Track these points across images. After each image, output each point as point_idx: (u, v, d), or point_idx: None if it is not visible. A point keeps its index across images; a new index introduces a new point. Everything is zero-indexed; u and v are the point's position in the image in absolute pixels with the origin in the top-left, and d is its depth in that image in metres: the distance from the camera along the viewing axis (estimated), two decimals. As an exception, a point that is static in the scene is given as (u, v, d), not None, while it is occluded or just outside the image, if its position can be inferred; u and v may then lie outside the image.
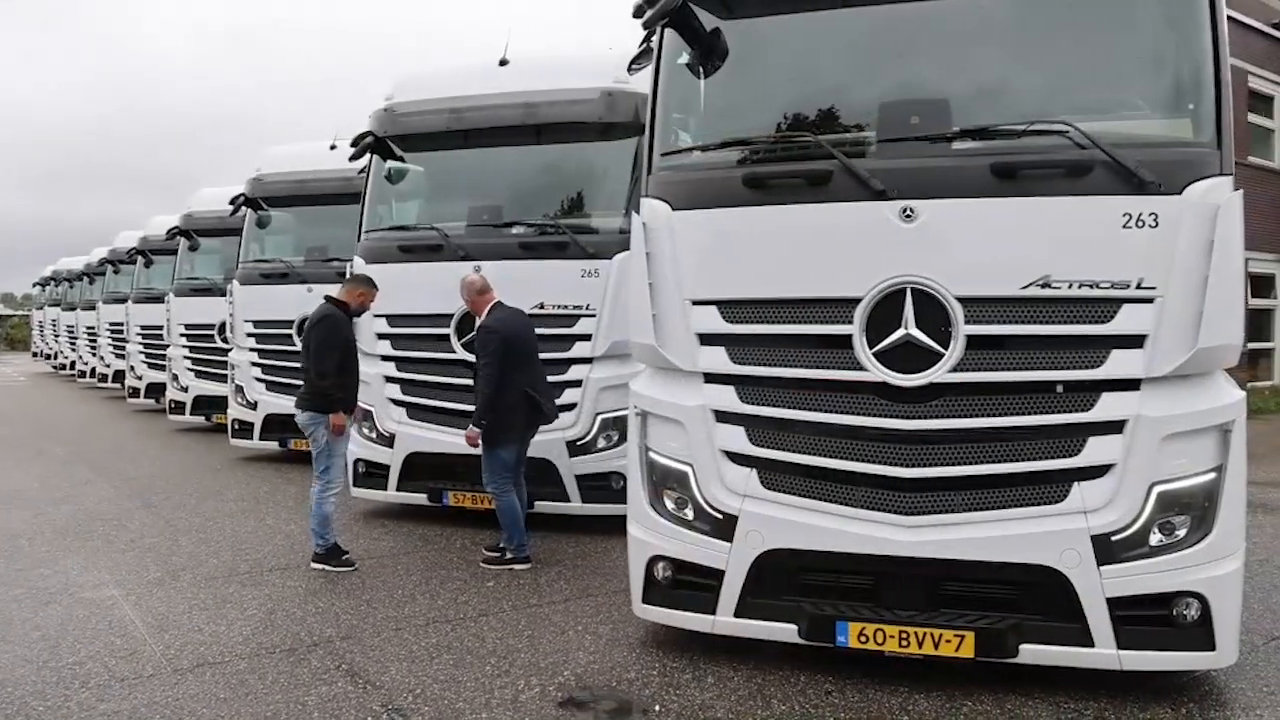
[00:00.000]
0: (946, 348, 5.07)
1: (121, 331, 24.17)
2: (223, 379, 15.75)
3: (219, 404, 16.17)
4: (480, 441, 7.92)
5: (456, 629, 6.43)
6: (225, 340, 15.99)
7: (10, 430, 19.20)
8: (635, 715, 5.08)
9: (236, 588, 7.49)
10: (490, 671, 5.66)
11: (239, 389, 14.38)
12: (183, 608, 6.97)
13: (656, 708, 5.14)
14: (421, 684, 5.49)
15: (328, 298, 8.35)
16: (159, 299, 20.01)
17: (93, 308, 29.44)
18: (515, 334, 7.99)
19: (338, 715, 5.10)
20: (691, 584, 5.67)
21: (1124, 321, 4.95)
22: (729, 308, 5.55)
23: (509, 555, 7.98)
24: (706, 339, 5.61)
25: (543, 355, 8.65)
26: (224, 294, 15.51)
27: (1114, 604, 4.98)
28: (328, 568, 7.93)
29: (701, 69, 5.85)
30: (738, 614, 5.52)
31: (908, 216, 5.13)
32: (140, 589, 7.48)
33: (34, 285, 44.97)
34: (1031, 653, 5.10)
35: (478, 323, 8.17)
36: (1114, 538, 5.00)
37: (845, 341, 5.23)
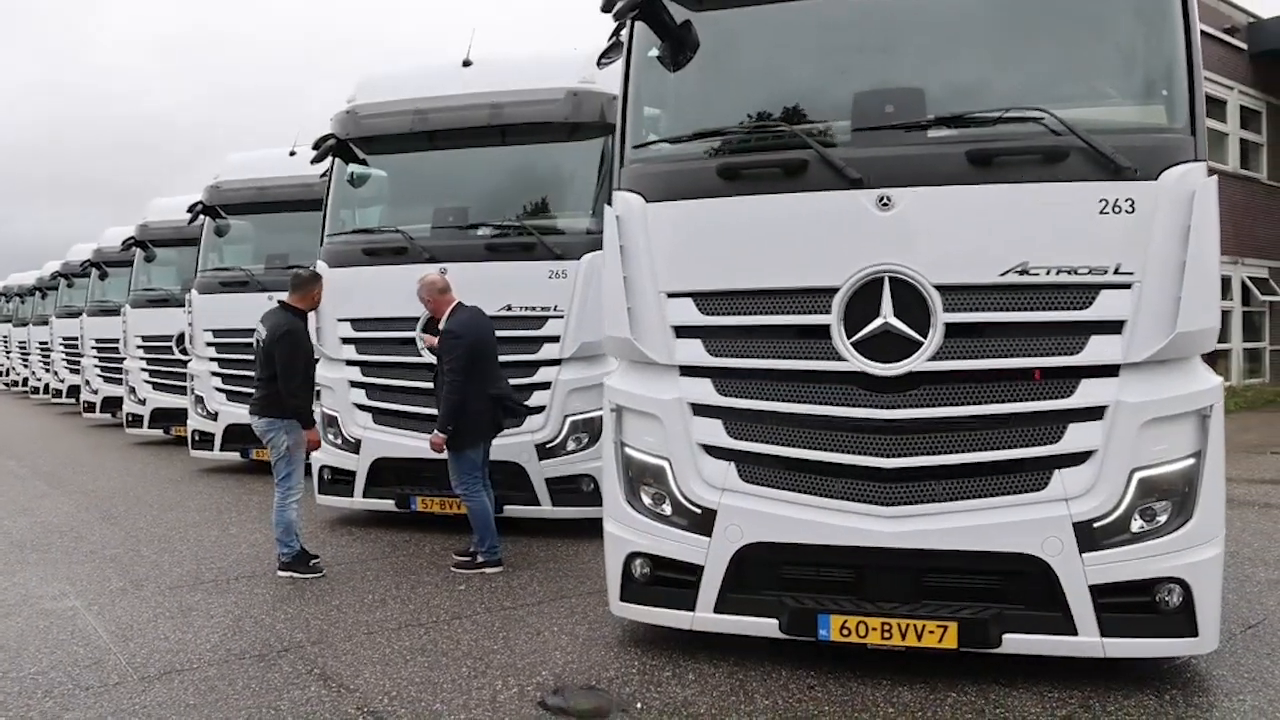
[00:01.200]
0: (925, 336, 5.03)
1: (75, 346, 23.76)
2: (181, 391, 15.51)
3: (178, 416, 15.90)
4: (446, 445, 7.79)
5: (430, 632, 6.30)
6: (183, 352, 15.70)
7: (-38, 447, 18.76)
8: (616, 713, 4.97)
9: (202, 596, 7.31)
10: (466, 673, 5.54)
11: (199, 400, 14.14)
12: (147, 616, 6.79)
13: (638, 705, 5.05)
14: (397, 686, 5.36)
15: (282, 303, 8.18)
16: (114, 312, 19.63)
17: (45, 323, 28.92)
18: (480, 338, 7.86)
19: (312, 719, 4.97)
20: (670, 580, 5.59)
21: (1102, 307, 4.94)
22: (705, 299, 5.49)
23: (480, 559, 7.85)
24: (682, 331, 5.54)
25: (511, 357, 8.59)
26: (181, 305, 15.26)
27: (1096, 591, 4.96)
28: (295, 574, 7.77)
29: (672, 61, 5.77)
30: (717, 610, 5.44)
31: (884, 205, 5.09)
32: (103, 599, 7.28)
33: (-16, 301, 44.11)
34: (1015, 642, 5.06)
35: (441, 324, 8.00)
36: (1095, 524, 4.98)
37: (823, 331, 5.18)
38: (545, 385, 8.87)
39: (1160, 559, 4.96)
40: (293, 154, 13.52)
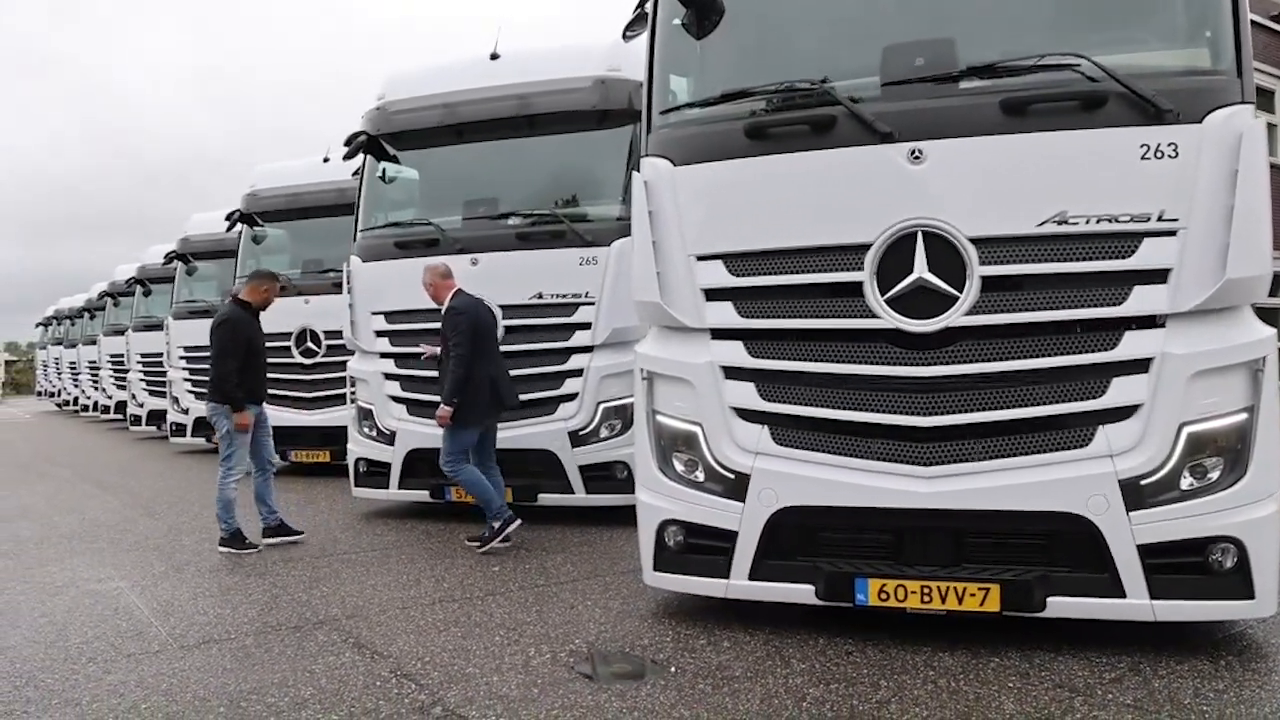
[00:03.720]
0: (961, 291, 4.90)
1: (122, 363, 24.10)
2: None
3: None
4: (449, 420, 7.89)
5: (464, 606, 6.25)
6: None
7: (16, 458, 19.04)
8: (651, 676, 4.86)
9: (240, 578, 7.36)
10: (500, 641, 5.47)
11: (237, 403, 14.19)
12: (187, 595, 6.86)
13: (672, 669, 4.93)
14: (430, 653, 5.31)
15: (234, 298, 8.67)
16: (158, 327, 19.93)
17: (94, 342, 29.37)
18: (481, 319, 8.03)
19: (345, 681, 4.93)
20: (704, 548, 5.48)
21: (1146, 255, 4.77)
22: (735, 261, 5.40)
23: (495, 525, 7.91)
24: (712, 294, 5.46)
25: (543, 345, 8.73)
26: (223, 315, 15.39)
27: (1145, 551, 4.77)
28: (232, 550, 8.18)
29: (697, 28, 5.72)
30: (752, 576, 5.33)
31: (916, 158, 4.98)
32: (145, 581, 7.35)
33: (36, 325, 45.09)
34: (1059, 605, 4.89)
35: (444, 306, 8.13)
36: (1143, 482, 4.80)
37: (856, 289, 5.07)
38: (577, 372, 8.81)
39: (1212, 517, 4.76)
40: (326, 160, 13.65)
